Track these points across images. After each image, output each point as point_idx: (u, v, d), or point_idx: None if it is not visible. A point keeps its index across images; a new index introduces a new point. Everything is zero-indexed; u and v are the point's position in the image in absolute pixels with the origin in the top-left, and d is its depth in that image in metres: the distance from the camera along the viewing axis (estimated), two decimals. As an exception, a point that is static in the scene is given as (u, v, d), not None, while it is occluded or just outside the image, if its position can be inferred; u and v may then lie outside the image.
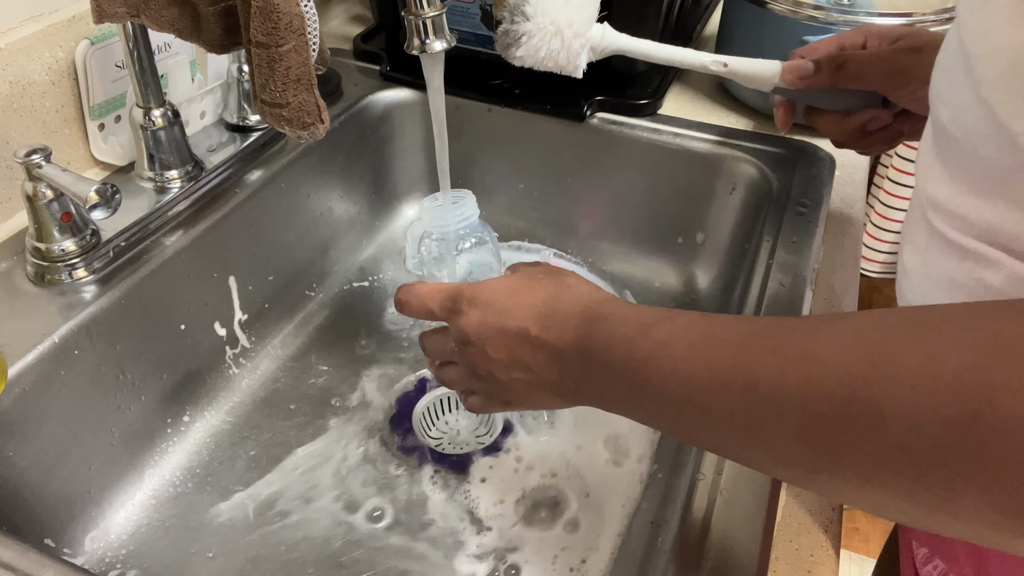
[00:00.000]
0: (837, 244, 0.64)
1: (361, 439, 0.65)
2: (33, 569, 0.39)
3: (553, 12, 0.56)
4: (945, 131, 0.38)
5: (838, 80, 0.57)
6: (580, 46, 0.58)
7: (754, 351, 0.30)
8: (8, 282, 0.56)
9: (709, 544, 0.42)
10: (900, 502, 0.27)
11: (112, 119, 0.66)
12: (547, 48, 0.57)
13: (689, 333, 0.34)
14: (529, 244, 0.85)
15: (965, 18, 0.36)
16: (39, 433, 0.52)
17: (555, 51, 0.57)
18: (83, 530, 0.57)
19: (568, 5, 0.57)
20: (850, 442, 0.26)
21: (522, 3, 0.56)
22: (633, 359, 0.35)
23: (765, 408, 0.29)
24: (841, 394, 0.26)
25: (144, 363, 0.60)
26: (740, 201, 0.74)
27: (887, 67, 0.56)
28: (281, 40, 0.48)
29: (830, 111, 0.60)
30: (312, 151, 0.74)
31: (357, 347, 0.74)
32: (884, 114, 0.58)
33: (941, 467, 0.24)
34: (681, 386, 0.33)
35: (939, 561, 0.46)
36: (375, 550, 0.57)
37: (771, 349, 0.30)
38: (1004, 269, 0.35)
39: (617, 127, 0.77)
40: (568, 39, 0.57)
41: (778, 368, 0.29)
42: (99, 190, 0.50)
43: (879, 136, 0.59)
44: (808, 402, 0.27)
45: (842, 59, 0.57)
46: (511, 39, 0.57)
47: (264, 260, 0.71)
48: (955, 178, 0.38)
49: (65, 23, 0.61)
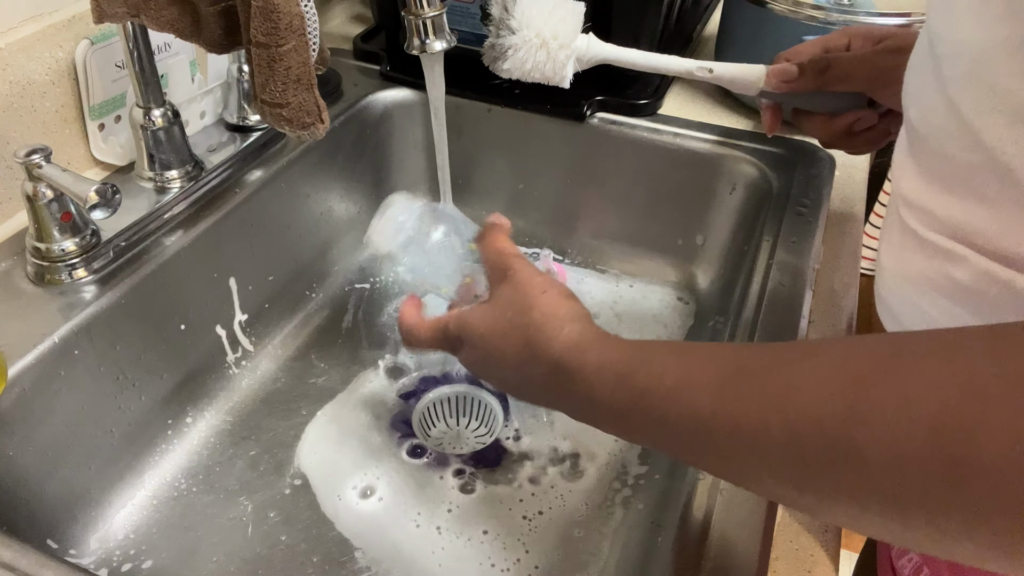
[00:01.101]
0: (837, 244, 0.64)
1: (361, 439, 0.65)
2: (33, 569, 0.39)
3: (538, 25, 0.58)
4: (915, 130, 0.39)
5: (822, 83, 0.58)
6: (566, 57, 0.59)
7: (732, 396, 0.30)
8: (8, 282, 0.56)
9: (709, 544, 0.41)
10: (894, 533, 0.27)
11: (112, 119, 0.66)
12: (533, 60, 0.59)
13: (666, 378, 0.33)
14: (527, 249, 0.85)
15: (933, 19, 0.37)
16: (39, 433, 0.52)
17: (541, 63, 0.59)
18: (83, 530, 0.57)
19: (552, 17, 0.58)
20: (834, 484, 0.27)
21: (507, 17, 0.57)
22: (616, 409, 0.36)
23: (749, 452, 0.30)
24: (821, 438, 0.26)
25: (144, 363, 0.60)
26: (740, 201, 0.74)
27: (870, 68, 0.56)
28: (281, 40, 0.48)
29: (817, 113, 0.60)
30: (312, 151, 0.74)
31: (357, 347, 0.74)
32: (870, 114, 0.58)
33: (924, 508, 0.24)
34: (668, 431, 0.34)
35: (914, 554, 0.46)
36: (375, 550, 0.57)
37: (748, 394, 0.30)
38: (971, 265, 0.36)
39: (617, 127, 0.77)
40: (554, 51, 0.59)
41: (758, 414, 0.29)
42: (99, 190, 0.50)
43: (866, 136, 0.60)
44: (790, 447, 0.28)
45: (826, 62, 0.57)
46: (498, 52, 0.59)
47: (264, 260, 0.71)
48: (925, 176, 0.39)
49: (65, 23, 0.61)
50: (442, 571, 0.56)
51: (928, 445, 0.23)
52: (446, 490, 0.61)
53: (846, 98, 0.58)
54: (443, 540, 0.58)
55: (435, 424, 0.68)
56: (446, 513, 0.60)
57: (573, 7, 0.59)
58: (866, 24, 0.66)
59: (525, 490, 0.61)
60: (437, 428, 0.68)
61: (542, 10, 0.58)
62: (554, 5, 0.59)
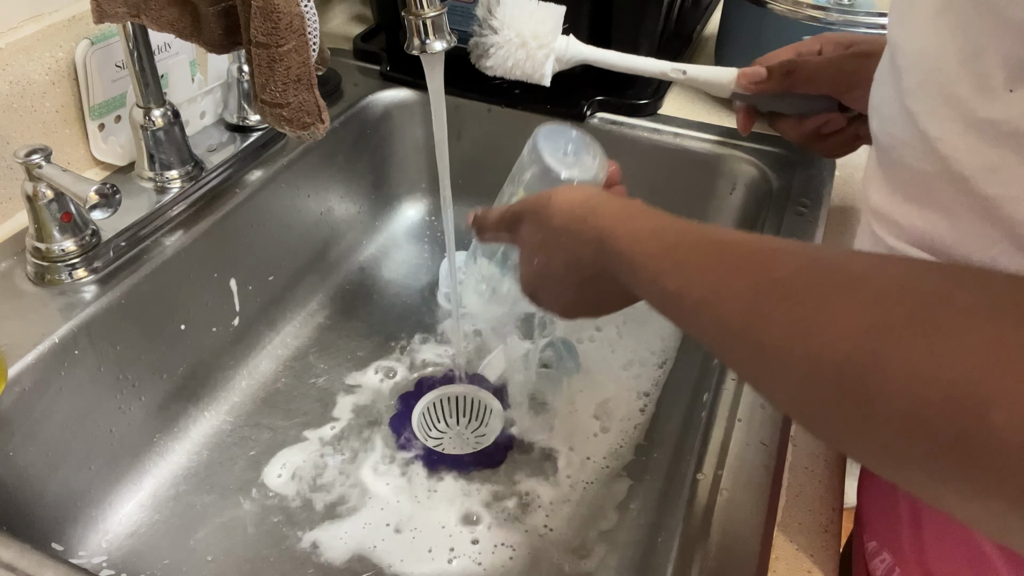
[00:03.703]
0: (837, 244, 0.64)
1: (361, 439, 0.65)
2: (33, 569, 0.39)
3: (518, 25, 0.62)
4: (878, 140, 0.40)
5: (789, 84, 0.60)
6: (544, 56, 0.63)
7: (762, 313, 0.30)
8: (8, 282, 0.56)
9: (709, 544, 0.42)
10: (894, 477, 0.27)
11: (112, 119, 0.66)
12: (514, 58, 0.63)
13: (699, 285, 0.33)
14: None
15: (893, 30, 0.38)
16: (39, 433, 0.52)
17: (521, 61, 0.64)
18: (83, 530, 0.57)
19: (532, 19, 0.62)
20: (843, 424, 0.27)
21: (489, 17, 0.60)
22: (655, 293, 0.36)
23: (770, 371, 0.30)
24: (839, 379, 0.26)
25: (144, 363, 0.60)
26: (740, 201, 0.74)
27: (835, 71, 0.59)
28: (281, 40, 0.48)
29: (787, 115, 0.63)
30: (312, 151, 0.74)
31: (357, 347, 0.74)
32: (838, 117, 0.61)
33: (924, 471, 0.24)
34: (700, 328, 0.33)
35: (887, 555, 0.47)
36: (375, 549, 0.57)
37: (779, 317, 0.29)
38: None
39: (617, 127, 0.77)
40: (533, 50, 0.63)
41: (783, 340, 0.28)
42: (99, 190, 0.50)
43: (836, 139, 0.62)
44: (809, 378, 0.27)
45: (792, 65, 0.60)
46: (481, 50, 0.62)
47: (264, 260, 0.71)
48: (890, 186, 0.39)
49: (65, 23, 0.61)
50: (442, 570, 0.56)
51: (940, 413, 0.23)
52: (446, 490, 0.61)
53: (815, 101, 0.60)
54: (443, 540, 0.58)
55: (435, 424, 0.68)
56: (446, 513, 0.60)
57: (553, 10, 0.63)
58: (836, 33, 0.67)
59: (525, 490, 0.61)
60: (437, 428, 0.68)
61: (523, 11, 0.61)
62: (534, 7, 0.62)
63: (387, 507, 0.60)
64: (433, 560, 0.57)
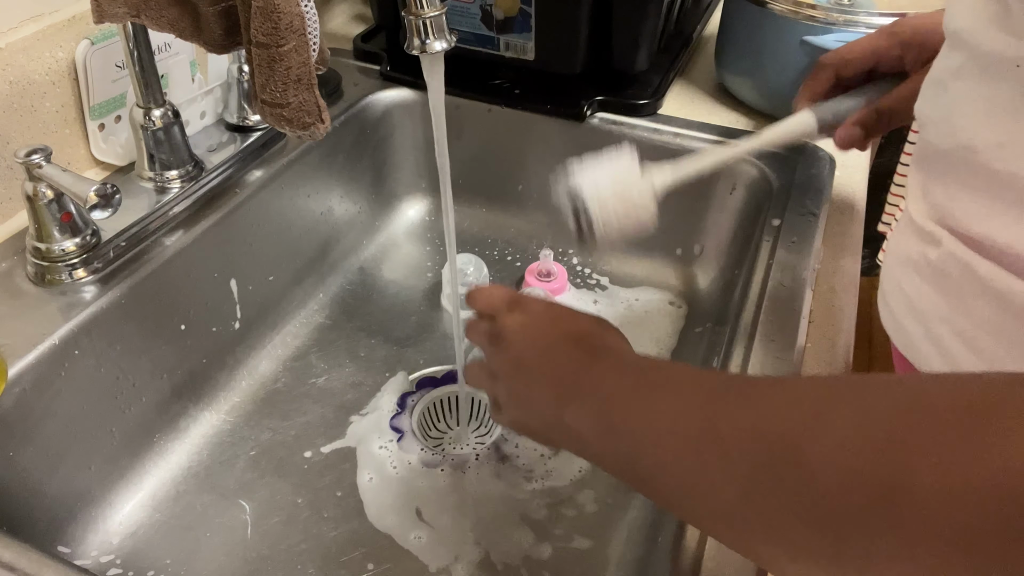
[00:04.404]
0: (837, 244, 0.64)
1: (361, 439, 0.65)
2: (33, 569, 0.39)
3: (607, 201, 0.56)
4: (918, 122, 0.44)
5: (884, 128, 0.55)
6: (648, 214, 0.56)
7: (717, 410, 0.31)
8: (8, 282, 0.56)
9: (709, 544, 0.42)
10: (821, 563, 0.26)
11: (112, 119, 0.66)
12: (618, 221, 0.57)
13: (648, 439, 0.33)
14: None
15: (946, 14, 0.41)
16: (39, 433, 0.52)
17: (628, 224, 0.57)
18: (83, 530, 0.57)
19: (614, 183, 0.55)
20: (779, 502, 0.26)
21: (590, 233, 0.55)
22: None
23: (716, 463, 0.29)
24: (777, 450, 0.27)
25: (144, 363, 0.60)
26: (740, 201, 0.74)
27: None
28: (281, 40, 0.48)
29: None
30: (312, 151, 0.74)
31: (357, 347, 0.74)
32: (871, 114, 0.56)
33: (862, 532, 0.24)
34: None
35: None
36: (375, 549, 0.57)
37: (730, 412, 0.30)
38: (943, 247, 0.40)
39: (617, 127, 0.77)
40: (631, 207, 0.56)
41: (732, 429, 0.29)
42: (99, 190, 0.50)
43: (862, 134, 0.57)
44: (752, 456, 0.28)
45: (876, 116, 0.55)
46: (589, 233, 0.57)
47: (264, 260, 0.71)
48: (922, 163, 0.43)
49: (65, 23, 0.61)
50: (441, 570, 0.56)
51: (873, 465, 0.24)
52: (446, 490, 0.61)
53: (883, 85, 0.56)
54: (443, 540, 0.58)
55: (435, 424, 0.68)
56: (446, 513, 0.60)
57: (624, 159, 0.57)
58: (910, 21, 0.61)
59: (524, 490, 0.61)
60: (437, 428, 0.68)
61: (611, 198, 0.56)
62: (611, 182, 0.57)
63: (387, 507, 0.60)
64: (433, 559, 0.57)
